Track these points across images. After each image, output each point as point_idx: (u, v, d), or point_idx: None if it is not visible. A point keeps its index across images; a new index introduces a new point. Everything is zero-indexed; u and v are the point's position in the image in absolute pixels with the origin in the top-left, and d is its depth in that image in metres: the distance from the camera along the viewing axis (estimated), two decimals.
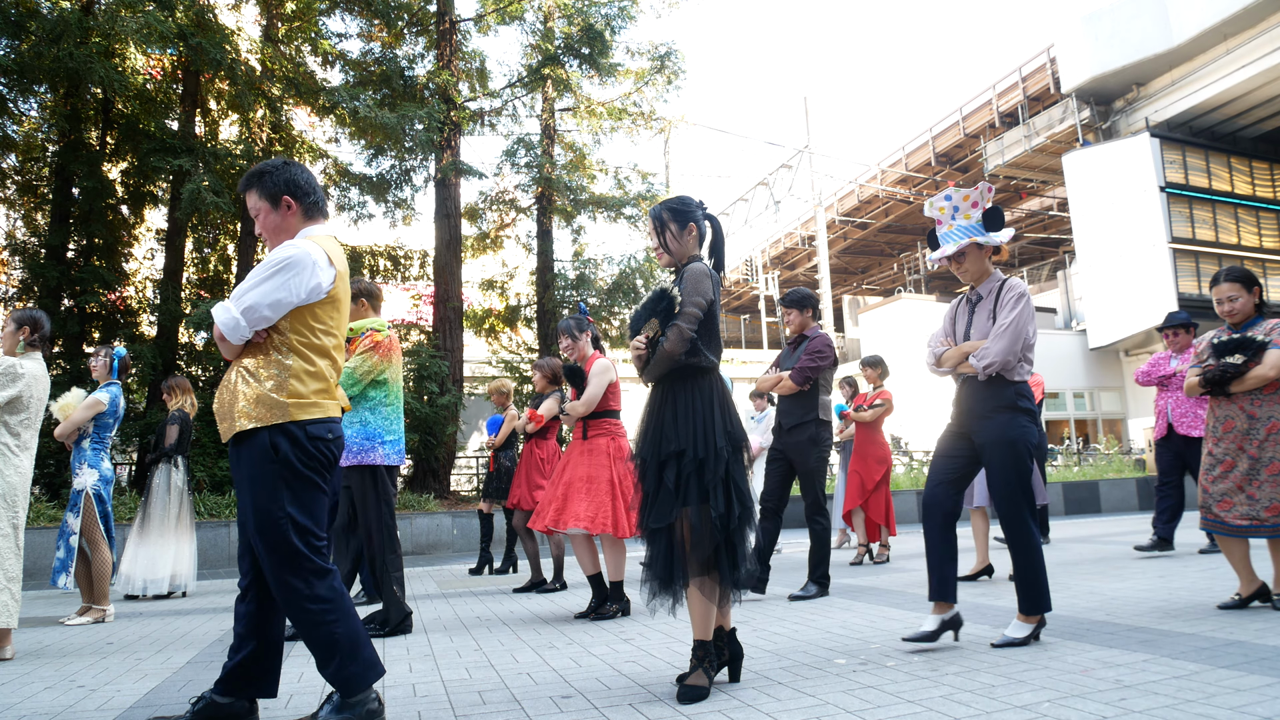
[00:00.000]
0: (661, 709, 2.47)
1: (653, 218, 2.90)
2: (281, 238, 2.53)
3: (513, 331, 15.24)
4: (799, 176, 28.44)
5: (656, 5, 14.88)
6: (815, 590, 4.65)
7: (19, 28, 10.30)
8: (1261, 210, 22.99)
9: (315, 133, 14.32)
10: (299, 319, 2.41)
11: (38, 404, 3.98)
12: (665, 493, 2.64)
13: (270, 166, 2.56)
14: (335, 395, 2.51)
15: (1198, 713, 2.17)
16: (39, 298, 11.31)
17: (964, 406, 3.25)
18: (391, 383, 4.20)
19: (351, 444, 4.07)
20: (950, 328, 3.38)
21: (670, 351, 2.69)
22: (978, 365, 3.12)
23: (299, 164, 2.60)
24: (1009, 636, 3.08)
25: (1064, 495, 13.50)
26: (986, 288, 3.27)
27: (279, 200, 2.52)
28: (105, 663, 3.61)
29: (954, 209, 3.26)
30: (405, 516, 10.48)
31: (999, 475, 3.12)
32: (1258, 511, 3.56)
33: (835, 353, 4.79)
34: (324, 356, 2.47)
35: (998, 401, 3.14)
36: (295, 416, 2.36)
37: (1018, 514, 3.12)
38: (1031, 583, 3.11)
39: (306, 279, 2.39)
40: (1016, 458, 3.09)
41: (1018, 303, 3.14)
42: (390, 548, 4.16)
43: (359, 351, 4.11)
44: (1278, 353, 3.56)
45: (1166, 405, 5.76)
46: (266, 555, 2.33)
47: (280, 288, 2.35)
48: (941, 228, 3.30)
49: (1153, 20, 21.11)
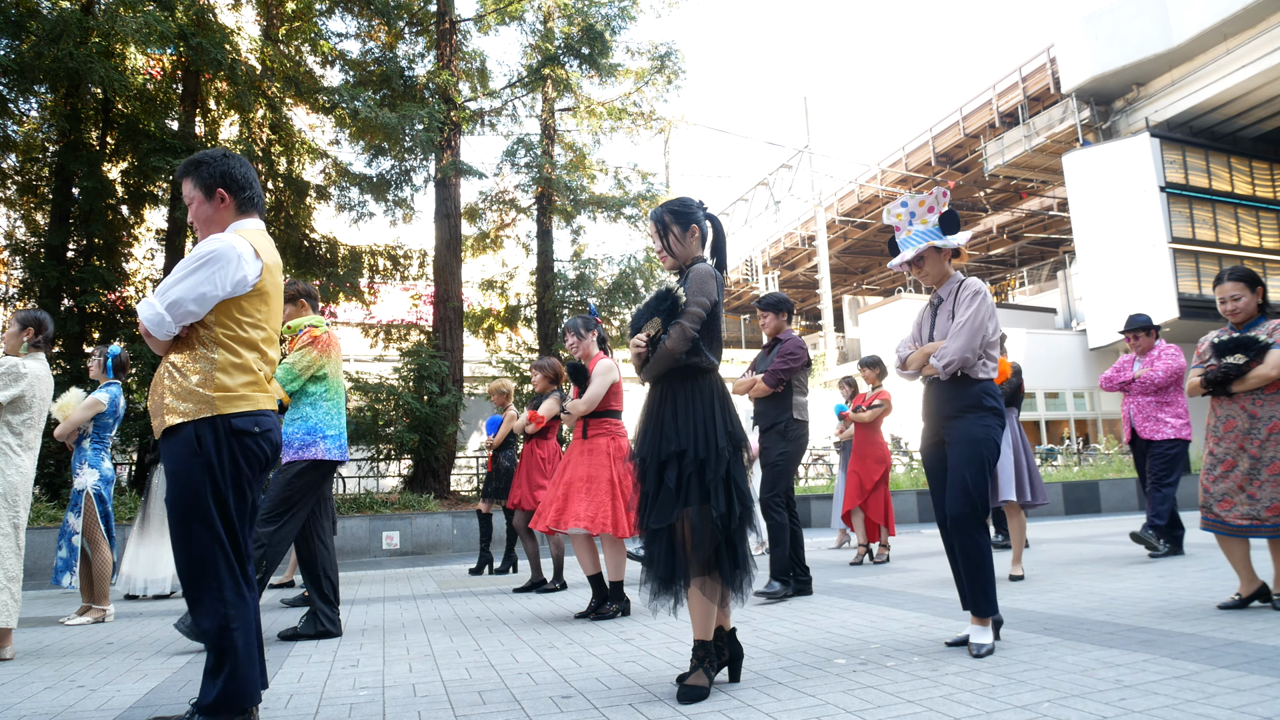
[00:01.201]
0: (661, 709, 2.47)
1: (654, 221, 2.89)
2: (211, 229, 2.52)
3: (512, 331, 15.24)
4: (799, 176, 28.46)
5: (656, 5, 14.87)
6: (779, 587, 4.57)
7: (19, 28, 10.29)
8: (1261, 210, 22.98)
9: (315, 133, 14.32)
10: (224, 312, 2.40)
11: (40, 404, 3.98)
12: (666, 493, 2.64)
13: (208, 157, 2.53)
14: (266, 388, 2.49)
15: (1198, 713, 2.17)
16: (39, 298, 11.31)
17: (932, 409, 3.26)
18: (331, 378, 4.23)
19: (293, 439, 4.07)
20: (917, 332, 3.39)
21: (671, 350, 2.69)
22: (938, 365, 3.13)
23: (239, 157, 2.58)
24: (983, 645, 3.00)
25: (1064, 495, 13.49)
26: (947, 289, 3.28)
27: (213, 192, 2.51)
28: (105, 663, 3.61)
29: (910, 214, 3.29)
30: (405, 516, 10.49)
31: (955, 471, 3.09)
32: (1258, 511, 3.56)
33: (808, 354, 4.84)
34: (252, 349, 2.45)
35: (964, 401, 3.14)
36: (221, 410, 2.35)
37: (971, 513, 3.06)
38: (985, 584, 3.07)
39: (231, 272, 2.38)
40: (977, 456, 3.07)
41: (973, 300, 3.14)
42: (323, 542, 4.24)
43: (298, 347, 4.16)
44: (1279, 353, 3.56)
45: (1129, 409, 5.79)
46: (179, 549, 2.33)
47: (205, 281, 2.35)
48: (900, 234, 3.33)
49: (1153, 20, 21.10)
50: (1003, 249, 33.94)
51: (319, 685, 3.01)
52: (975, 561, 3.08)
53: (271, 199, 13.49)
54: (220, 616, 2.28)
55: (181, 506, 2.31)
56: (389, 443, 12.34)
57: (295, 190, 13.42)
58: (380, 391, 12.35)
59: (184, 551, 2.32)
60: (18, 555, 3.81)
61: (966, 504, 3.06)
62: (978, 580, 3.08)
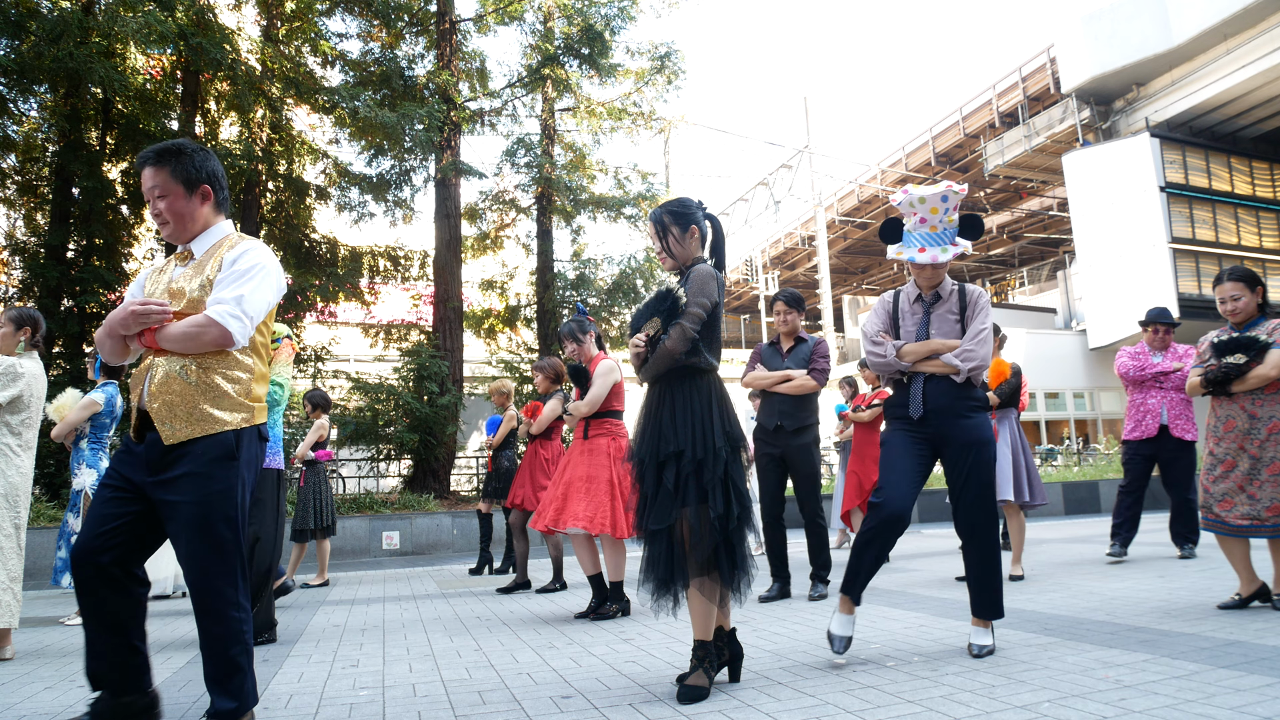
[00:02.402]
0: (661, 709, 2.47)
1: (654, 222, 2.88)
2: (188, 226, 2.42)
3: (512, 332, 15.25)
4: (799, 176, 28.45)
5: (656, 5, 14.88)
6: (824, 588, 4.72)
7: (19, 28, 10.29)
8: (1261, 210, 22.98)
9: (315, 133, 14.33)
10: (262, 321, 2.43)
11: (38, 403, 3.98)
12: (665, 493, 2.64)
13: (190, 148, 2.42)
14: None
15: (1198, 713, 2.17)
16: (39, 298, 11.30)
17: (930, 406, 3.13)
18: (287, 386, 4.24)
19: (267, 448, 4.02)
20: (888, 324, 3.30)
21: (671, 350, 2.68)
22: (964, 366, 3.09)
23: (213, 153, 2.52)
24: (984, 646, 3.01)
25: (1064, 495, 13.49)
26: (945, 290, 3.23)
27: (195, 187, 2.40)
28: None
29: (927, 209, 3.13)
30: (405, 516, 10.49)
31: (978, 475, 3.08)
32: (1258, 511, 3.56)
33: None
34: (264, 359, 2.46)
35: (973, 402, 3.14)
36: (256, 419, 2.37)
37: (992, 515, 3.11)
38: (996, 587, 3.09)
39: (280, 281, 2.42)
40: (990, 459, 3.11)
41: (986, 309, 3.19)
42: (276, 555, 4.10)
43: (283, 361, 4.13)
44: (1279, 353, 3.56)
45: (1161, 404, 5.54)
46: (209, 555, 2.23)
47: (270, 290, 2.38)
48: (923, 226, 3.16)
49: (1152, 20, 21.11)
50: (1003, 249, 33.94)
51: (319, 685, 3.01)
52: (994, 564, 3.10)
53: (271, 199, 13.49)
54: (243, 623, 2.26)
55: (215, 515, 2.24)
56: (389, 443, 12.35)
57: (295, 190, 13.42)
58: (380, 391, 12.36)
59: (215, 559, 2.23)
60: (19, 556, 3.81)
61: (990, 508, 3.09)
62: (994, 581, 3.09)
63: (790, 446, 4.69)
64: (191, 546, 2.23)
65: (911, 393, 3.18)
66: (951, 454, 3.12)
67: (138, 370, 2.39)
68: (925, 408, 3.15)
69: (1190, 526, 5.70)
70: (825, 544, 4.76)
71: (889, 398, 3.31)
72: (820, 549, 4.74)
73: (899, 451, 3.15)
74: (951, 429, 3.11)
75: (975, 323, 3.16)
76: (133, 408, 2.36)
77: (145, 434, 2.31)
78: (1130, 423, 5.70)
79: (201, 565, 2.23)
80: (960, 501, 3.12)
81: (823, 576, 4.74)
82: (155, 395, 2.28)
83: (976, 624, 3.10)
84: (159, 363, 2.32)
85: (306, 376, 13.35)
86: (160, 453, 2.27)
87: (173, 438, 2.26)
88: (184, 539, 2.24)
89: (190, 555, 2.23)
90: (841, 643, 2.98)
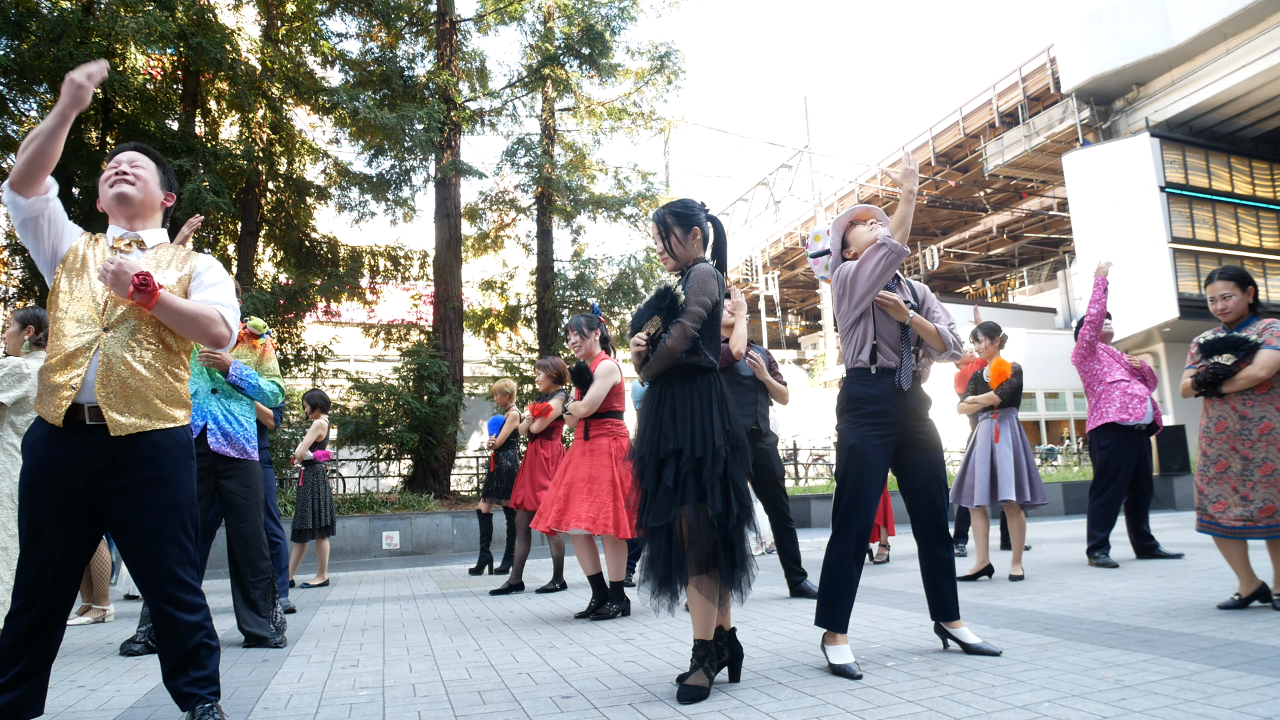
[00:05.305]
0: (661, 709, 2.47)
1: (656, 223, 2.89)
2: (148, 203, 2.51)
3: (512, 332, 15.24)
4: (799, 176, 28.49)
5: (656, 5, 14.86)
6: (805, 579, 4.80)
7: (19, 28, 10.29)
8: (1261, 210, 22.99)
9: (315, 133, 14.32)
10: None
11: None
12: (664, 491, 2.64)
13: (162, 156, 2.60)
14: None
15: (1198, 713, 2.17)
16: (39, 298, 11.31)
17: (909, 405, 3.05)
18: (284, 387, 4.24)
19: (251, 436, 3.92)
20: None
21: (672, 348, 2.69)
22: (953, 349, 3.17)
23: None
24: (985, 645, 3.02)
25: (1064, 495, 13.48)
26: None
27: (167, 188, 2.60)
28: (105, 663, 3.61)
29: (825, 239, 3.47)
30: (405, 516, 10.49)
31: (940, 480, 3.10)
32: (1251, 513, 3.55)
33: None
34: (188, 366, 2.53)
35: (928, 405, 3.16)
36: (186, 420, 2.39)
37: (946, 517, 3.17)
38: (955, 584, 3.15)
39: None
40: (944, 462, 3.17)
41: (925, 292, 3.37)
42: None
43: (270, 359, 4.12)
44: (1269, 353, 3.55)
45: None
46: (169, 551, 2.22)
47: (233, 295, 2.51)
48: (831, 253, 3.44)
49: (1152, 20, 21.11)
50: (1003, 249, 33.95)
51: (319, 685, 3.01)
52: (952, 564, 3.13)
53: (272, 199, 13.49)
54: (206, 611, 2.30)
55: (179, 510, 2.26)
56: (389, 443, 12.35)
57: (295, 190, 13.42)
58: (380, 391, 12.35)
59: (178, 553, 2.24)
60: None
61: (945, 510, 3.15)
62: (954, 580, 3.12)
63: (760, 450, 4.81)
64: (162, 543, 2.22)
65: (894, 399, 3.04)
66: (918, 458, 3.09)
67: (59, 357, 2.20)
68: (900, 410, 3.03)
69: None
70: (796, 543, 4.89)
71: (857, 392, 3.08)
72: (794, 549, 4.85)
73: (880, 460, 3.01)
74: (918, 431, 3.09)
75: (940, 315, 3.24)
76: (61, 398, 2.16)
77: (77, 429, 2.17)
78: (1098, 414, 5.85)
79: (170, 561, 2.23)
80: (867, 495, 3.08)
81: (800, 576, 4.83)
82: (104, 381, 2.18)
83: (958, 625, 3.09)
84: (110, 347, 2.21)
85: (306, 376, 13.35)
86: (110, 453, 2.18)
87: (124, 429, 2.17)
88: (150, 543, 2.21)
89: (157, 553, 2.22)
90: (854, 668, 2.77)
